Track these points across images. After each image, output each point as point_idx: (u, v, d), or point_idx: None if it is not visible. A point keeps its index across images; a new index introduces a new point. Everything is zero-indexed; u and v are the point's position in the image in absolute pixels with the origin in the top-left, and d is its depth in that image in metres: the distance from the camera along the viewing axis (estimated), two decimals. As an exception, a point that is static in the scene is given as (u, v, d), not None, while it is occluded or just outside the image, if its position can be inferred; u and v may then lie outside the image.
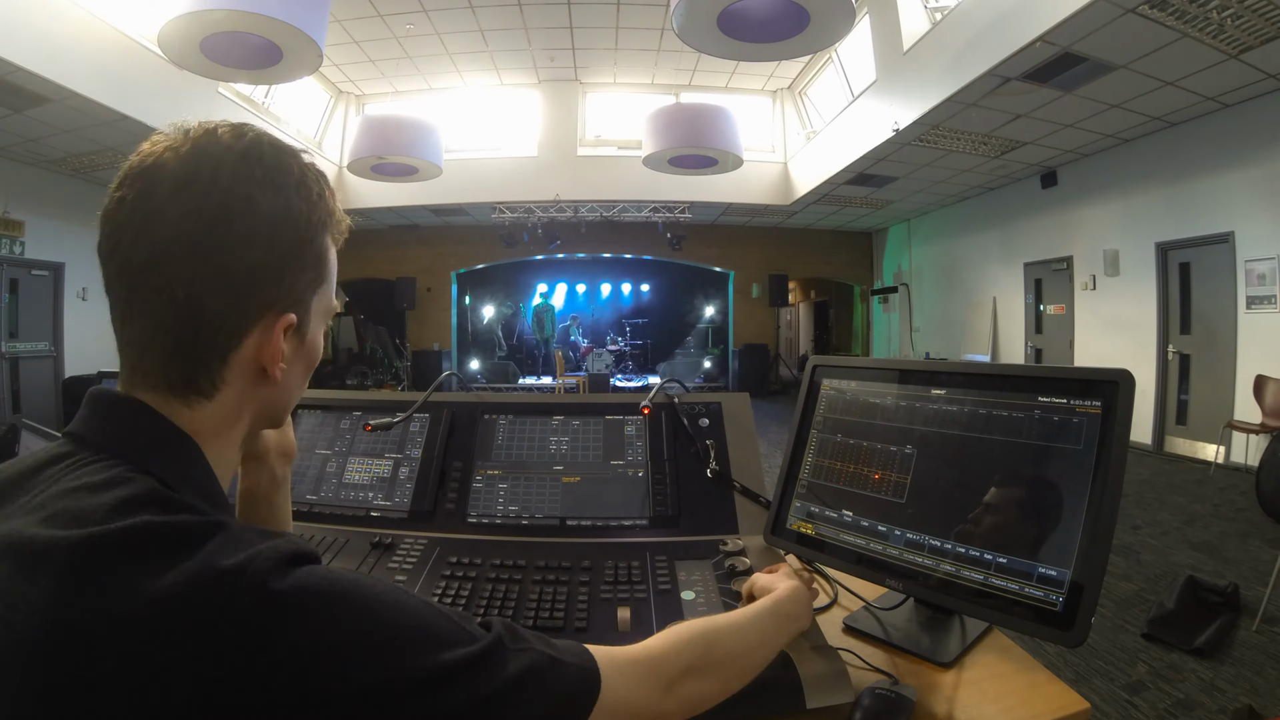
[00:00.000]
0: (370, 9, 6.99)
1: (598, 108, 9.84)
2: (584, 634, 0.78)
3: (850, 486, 0.94)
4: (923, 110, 5.97)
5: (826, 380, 1.04)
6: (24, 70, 4.81)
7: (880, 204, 9.95)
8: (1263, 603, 2.71)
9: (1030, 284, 8.32)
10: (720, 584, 0.87)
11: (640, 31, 7.76)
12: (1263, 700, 2.17)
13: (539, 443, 1.12)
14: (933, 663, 0.82)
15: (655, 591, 0.85)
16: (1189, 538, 3.89)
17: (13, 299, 6.99)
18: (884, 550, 0.88)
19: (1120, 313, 6.81)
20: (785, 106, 9.77)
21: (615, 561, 0.91)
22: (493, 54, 8.39)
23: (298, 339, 0.54)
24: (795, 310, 16.75)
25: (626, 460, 1.09)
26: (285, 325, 0.51)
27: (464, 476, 1.08)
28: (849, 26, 4.06)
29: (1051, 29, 4.31)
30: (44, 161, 6.93)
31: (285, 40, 4.05)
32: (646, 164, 6.96)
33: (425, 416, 1.16)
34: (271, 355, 0.50)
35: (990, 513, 0.81)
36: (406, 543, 0.97)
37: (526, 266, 12.45)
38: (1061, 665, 2.42)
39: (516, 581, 0.87)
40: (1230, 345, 5.63)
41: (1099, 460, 0.74)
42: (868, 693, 0.71)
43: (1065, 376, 0.81)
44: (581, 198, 9.71)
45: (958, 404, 0.87)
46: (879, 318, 12.46)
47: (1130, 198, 6.67)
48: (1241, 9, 3.99)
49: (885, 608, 0.93)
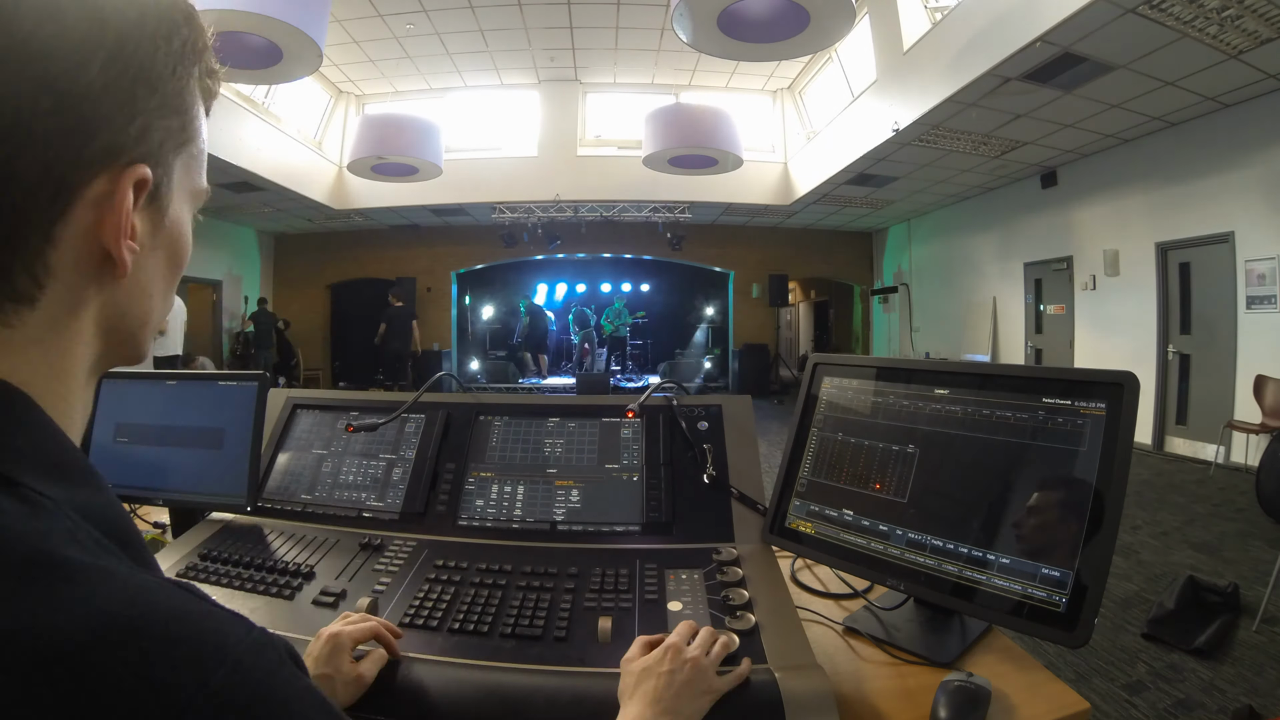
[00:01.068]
0: (370, 9, 6.99)
1: (598, 108, 9.84)
2: (563, 643, 0.76)
3: (851, 486, 0.94)
4: (923, 110, 5.97)
5: (828, 379, 1.03)
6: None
7: (880, 204, 9.95)
8: (1263, 603, 2.71)
9: (1030, 284, 8.32)
10: (710, 595, 0.84)
11: (640, 31, 7.76)
12: (1263, 700, 2.17)
13: (533, 445, 1.10)
14: (933, 663, 0.82)
15: (641, 601, 0.83)
16: (1189, 538, 3.88)
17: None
18: (885, 550, 0.88)
19: (1120, 313, 6.81)
20: (785, 106, 9.77)
21: (603, 569, 0.89)
22: (493, 54, 8.39)
23: (154, 212, 0.38)
24: (795, 310, 16.76)
25: (622, 464, 1.07)
26: (135, 180, 0.35)
27: (457, 478, 1.07)
28: (849, 26, 4.06)
29: (1051, 29, 4.31)
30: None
31: (285, 40, 4.05)
32: (646, 164, 6.97)
33: (421, 417, 1.15)
34: (115, 226, 0.35)
35: (993, 513, 0.81)
36: (395, 544, 0.97)
37: (526, 266, 12.45)
38: (1061, 665, 2.42)
39: (500, 587, 0.85)
40: (1230, 345, 5.63)
41: (1103, 462, 0.74)
42: (944, 688, 0.72)
43: (1069, 378, 0.80)
44: (581, 198, 9.71)
45: (961, 404, 0.87)
46: (879, 318, 12.45)
47: (1130, 198, 6.67)
48: (1241, 9, 3.99)
49: (885, 608, 0.93)
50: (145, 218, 0.38)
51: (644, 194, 9.63)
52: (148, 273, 0.39)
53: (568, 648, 0.76)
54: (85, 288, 0.36)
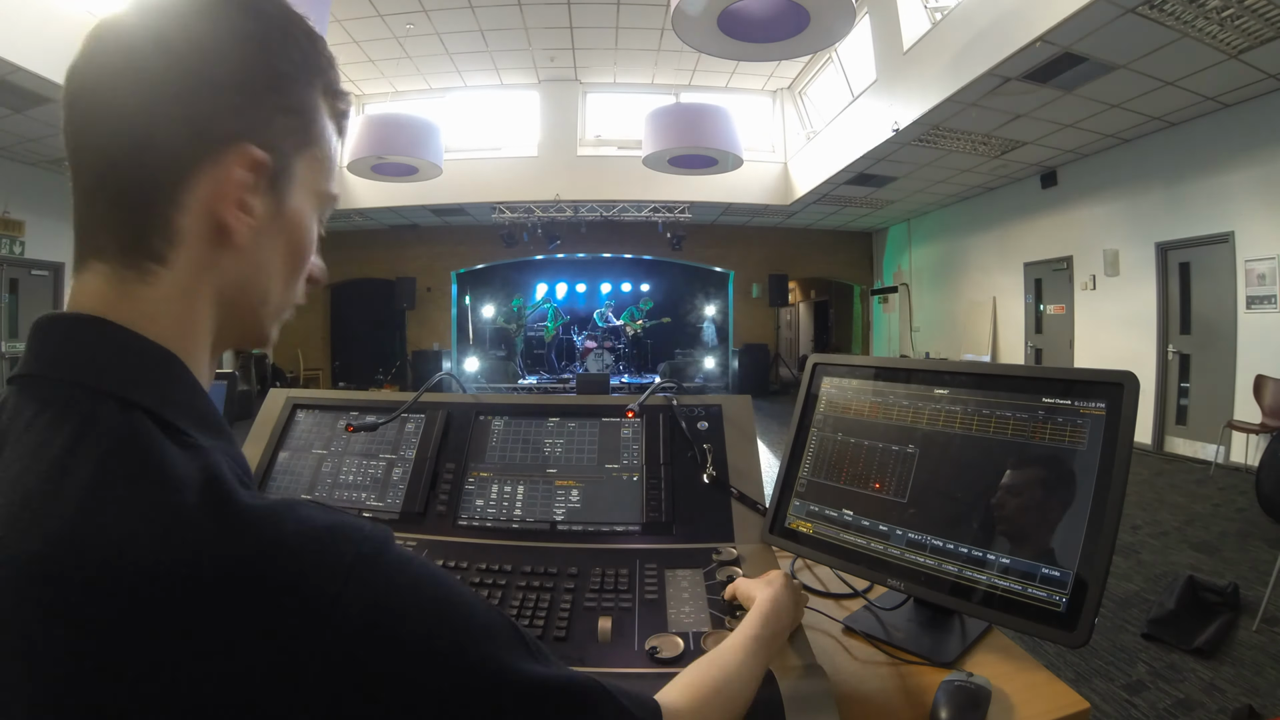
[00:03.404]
0: (370, 9, 6.99)
1: (598, 108, 9.84)
2: (563, 643, 0.76)
3: (851, 485, 0.94)
4: (923, 110, 5.97)
5: (827, 379, 1.03)
6: (24, 70, 4.81)
7: (880, 204, 9.95)
8: (1263, 603, 2.71)
9: (1030, 284, 8.32)
10: (710, 595, 0.84)
11: (640, 31, 7.76)
12: (1263, 700, 2.17)
13: (533, 445, 1.10)
14: (933, 663, 0.82)
15: (641, 601, 0.83)
16: (1189, 538, 3.88)
17: (13, 299, 7.00)
18: (885, 550, 0.88)
19: (1120, 313, 6.81)
20: (785, 106, 9.77)
21: (603, 569, 0.89)
22: (493, 54, 8.39)
23: (274, 198, 0.44)
24: (795, 310, 16.76)
25: (622, 464, 1.07)
26: (249, 160, 0.41)
27: (457, 478, 1.06)
28: (849, 26, 4.05)
29: (1051, 29, 4.31)
30: (44, 161, 6.93)
31: (284, 40, 4.05)
32: (646, 164, 6.96)
33: (421, 417, 1.15)
34: (228, 196, 0.41)
35: (993, 513, 0.81)
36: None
37: (526, 266, 12.44)
38: (1061, 665, 2.42)
39: (500, 587, 0.85)
40: (1230, 345, 5.63)
41: (1103, 461, 0.74)
42: (944, 688, 0.71)
43: (1069, 378, 0.80)
44: (581, 198, 9.70)
45: (961, 404, 0.87)
46: (879, 318, 12.46)
47: (1130, 198, 6.66)
48: (1241, 9, 3.99)
49: (885, 608, 0.93)
50: (265, 200, 0.43)
51: (644, 194, 9.63)
52: (265, 253, 0.45)
53: (568, 647, 0.75)
54: (207, 253, 0.42)
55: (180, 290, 0.42)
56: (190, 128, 0.40)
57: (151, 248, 0.40)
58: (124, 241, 0.40)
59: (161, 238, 0.40)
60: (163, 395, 0.39)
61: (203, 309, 0.43)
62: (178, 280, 0.41)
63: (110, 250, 0.40)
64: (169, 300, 0.41)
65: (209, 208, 0.41)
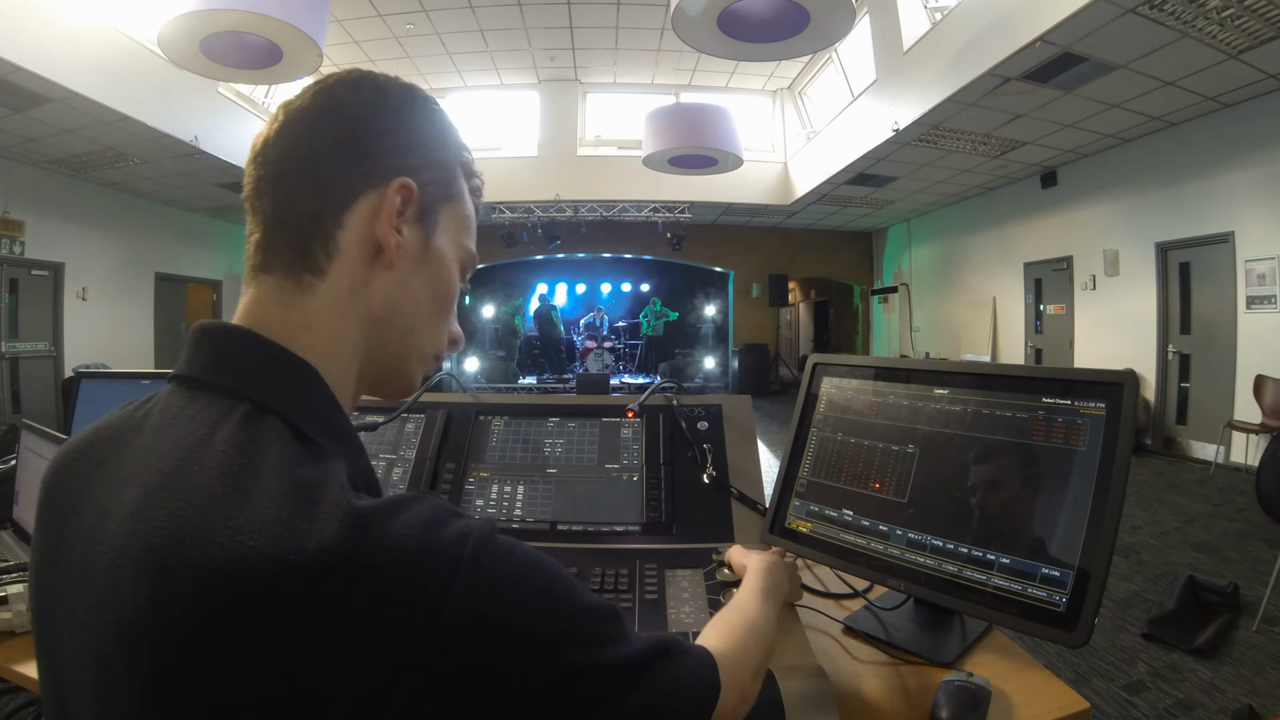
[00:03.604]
0: (370, 9, 6.99)
1: (598, 108, 9.84)
2: None
3: (851, 486, 0.94)
4: (923, 110, 5.97)
5: (827, 379, 1.03)
6: (24, 70, 4.81)
7: (880, 204, 9.95)
8: (1263, 603, 2.71)
9: (1030, 284, 8.31)
10: (710, 594, 0.84)
11: (640, 31, 7.76)
12: (1263, 700, 2.17)
13: (533, 445, 1.10)
14: (933, 663, 0.82)
15: (641, 601, 0.83)
16: (1189, 538, 3.88)
17: (13, 299, 6.99)
18: (885, 550, 0.88)
19: (1120, 313, 6.81)
20: (785, 106, 9.77)
21: (603, 569, 0.89)
22: (493, 54, 8.39)
23: (421, 231, 0.50)
24: (795, 310, 16.75)
25: (621, 464, 1.07)
26: (402, 188, 0.48)
27: (457, 478, 1.06)
28: (849, 26, 4.05)
29: (1051, 29, 4.30)
30: (44, 161, 6.92)
31: (285, 40, 4.04)
32: (646, 164, 6.96)
33: (421, 417, 1.15)
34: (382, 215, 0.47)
35: (993, 513, 0.81)
36: None
37: (526, 266, 12.44)
38: (1061, 665, 2.42)
39: None
40: (1230, 345, 5.62)
41: (1103, 461, 0.74)
42: (944, 688, 0.71)
43: (1069, 378, 0.80)
44: (581, 198, 9.71)
45: (961, 404, 0.87)
46: (879, 318, 12.45)
47: (1130, 198, 6.66)
48: (1241, 9, 3.99)
49: (885, 608, 0.93)
50: (413, 230, 0.50)
51: (644, 194, 9.63)
52: (413, 280, 0.50)
53: None
54: (361, 269, 0.47)
55: (334, 301, 0.46)
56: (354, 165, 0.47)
57: (313, 260, 0.46)
58: (290, 257, 0.46)
59: (323, 250, 0.46)
60: (296, 403, 0.43)
61: (352, 325, 0.48)
62: (333, 292, 0.46)
63: (277, 266, 0.46)
64: (322, 310, 0.46)
65: (366, 225, 0.47)
